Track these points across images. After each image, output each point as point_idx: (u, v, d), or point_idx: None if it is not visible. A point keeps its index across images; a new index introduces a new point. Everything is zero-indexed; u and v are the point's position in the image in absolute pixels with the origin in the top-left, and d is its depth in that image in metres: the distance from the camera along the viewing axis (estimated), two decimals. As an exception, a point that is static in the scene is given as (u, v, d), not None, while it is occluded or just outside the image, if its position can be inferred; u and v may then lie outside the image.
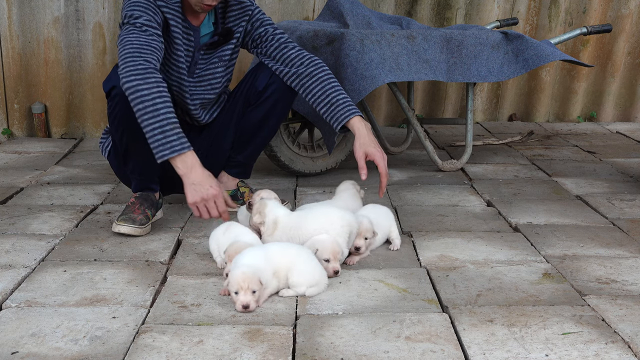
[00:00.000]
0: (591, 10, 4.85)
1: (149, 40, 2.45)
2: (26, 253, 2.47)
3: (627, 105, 5.15)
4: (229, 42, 2.76)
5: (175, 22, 2.59)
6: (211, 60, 2.75)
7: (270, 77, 2.80)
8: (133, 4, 2.51)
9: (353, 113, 2.61)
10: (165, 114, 2.36)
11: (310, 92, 2.69)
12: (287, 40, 2.78)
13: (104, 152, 2.88)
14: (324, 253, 2.26)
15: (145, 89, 2.35)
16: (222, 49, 2.76)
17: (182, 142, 2.37)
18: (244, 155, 2.94)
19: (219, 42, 2.74)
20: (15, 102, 4.42)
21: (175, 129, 2.37)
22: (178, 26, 2.60)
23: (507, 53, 3.51)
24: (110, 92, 2.56)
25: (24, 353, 1.79)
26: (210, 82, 2.78)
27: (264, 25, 2.77)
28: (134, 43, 2.43)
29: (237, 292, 2.01)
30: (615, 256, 2.50)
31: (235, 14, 2.75)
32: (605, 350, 1.83)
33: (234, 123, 2.89)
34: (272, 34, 2.78)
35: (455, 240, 2.65)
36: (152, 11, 2.51)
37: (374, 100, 4.82)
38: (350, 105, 2.63)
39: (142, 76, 2.37)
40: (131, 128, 2.55)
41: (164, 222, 2.81)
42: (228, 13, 2.74)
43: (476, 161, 3.90)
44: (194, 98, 2.78)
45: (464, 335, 1.90)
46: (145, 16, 2.48)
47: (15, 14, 4.27)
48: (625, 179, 3.56)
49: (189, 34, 2.66)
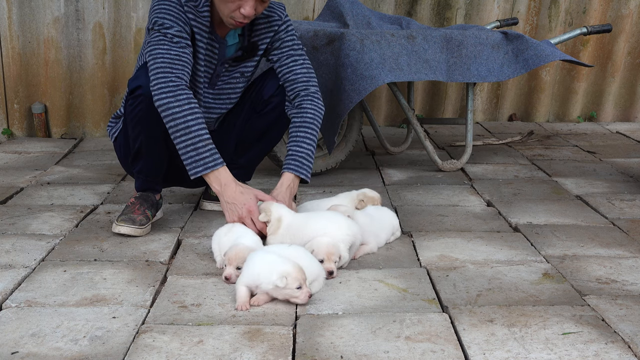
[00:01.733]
0: (591, 10, 4.85)
1: (180, 53, 2.46)
2: (26, 253, 2.47)
3: (627, 105, 5.15)
4: (253, 57, 2.73)
5: (200, 36, 2.56)
6: (233, 74, 2.72)
7: (277, 88, 2.77)
8: (164, 12, 2.48)
9: (286, 170, 2.61)
10: (197, 131, 2.42)
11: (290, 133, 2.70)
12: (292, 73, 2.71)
13: (111, 136, 2.87)
14: (319, 253, 2.27)
15: (176, 106, 2.40)
16: (245, 64, 2.73)
17: (215, 159, 2.45)
18: (245, 159, 2.93)
19: (243, 57, 2.70)
20: (15, 102, 4.43)
21: (207, 145, 2.44)
22: (202, 39, 2.57)
23: (507, 53, 3.52)
24: (134, 90, 2.55)
25: (24, 353, 1.79)
26: (229, 96, 2.77)
27: (280, 48, 2.71)
28: (165, 56, 2.44)
29: (299, 286, 2.03)
30: (615, 256, 2.50)
31: (262, 28, 2.69)
32: (605, 350, 1.83)
33: (238, 126, 2.88)
34: (284, 62, 2.71)
35: (455, 240, 2.65)
36: (182, 22, 2.49)
37: (374, 100, 4.82)
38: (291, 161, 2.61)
39: (173, 93, 2.41)
40: (149, 129, 2.57)
41: (164, 222, 2.81)
42: (255, 26, 2.68)
43: (476, 161, 3.90)
44: (210, 111, 2.76)
45: (464, 335, 1.90)
46: (177, 27, 2.47)
47: (15, 14, 4.27)
48: (625, 179, 3.56)
49: (214, 46, 2.62)
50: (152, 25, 2.49)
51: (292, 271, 2.03)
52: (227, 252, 2.25)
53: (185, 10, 2.50)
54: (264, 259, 2.11)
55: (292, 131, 2.67)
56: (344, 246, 2.33)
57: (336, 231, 2.34)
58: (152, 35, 2.49)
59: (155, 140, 2.61)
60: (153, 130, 2.56)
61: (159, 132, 2.57)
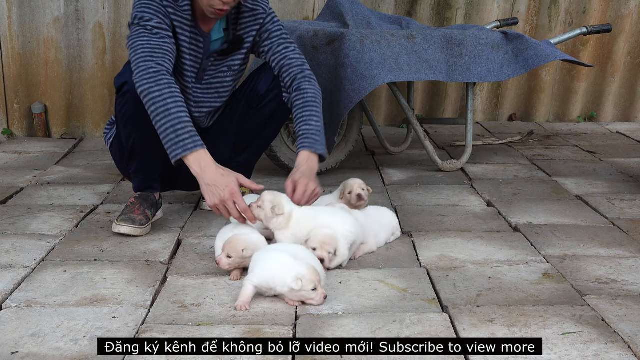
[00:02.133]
0: (591, 10, 4.85)
1: (161, 43, 2.47)
2: (26, 253, 2.47)
3: (627, 105, 5.15)
4: (239, 51, 2.73)
5: (182, 30, 2.58)
6: (220, 68, 2.73)
7: (272, 81, 2.78)
8: (143, 6, 2.51)
9: (302, 148, 2.58)
10: (177, 114, 2.38)
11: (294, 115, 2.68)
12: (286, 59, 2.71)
13: (107, 142, 2.88)
14: (313, 241, 2.28)
15: (156, 90, 2.38)
16: (232, 57, 2.73)
17: (194, 141, 2.38)
18: (244, 157, 2.93)
19: (229, 50, 2.71)
20: (15, 102, 4.42)
21: (187, 127, 2.38)
22: (185, 33, 2.59)
23: (507, 53, 3.51)
24: (121, 88, 2.56)
25: (24, 353, 1.79)
26: (218, 90, 2.77)
27: (270, 39, 2.72)
28: (145, 47, 2.44)
29: (314, 288, 2.03)
30: (615, 256, 2.50)
31: (247, 21, 2.71)
32: (605, 350, 1.83)
33: (234, 125, 2.88)
34: (276, 50, 2.72)
35: (455, 240, 2.65)
36: (162, 14, 2.51)
37: (374, 100, 4.82)
38: (304, 139, 2.58)
39: (154, 79, 2.39)
40: (140, 127, 2.57)
41: (164, 222, 2.81)
42: (240, 19, 2.70)
43: (476, 161, 3.90)
44: (200, 105, 2.76)
45: (464, 335, 1.90)
46: (156, 19, 2.49)
47: (15, 14, 4.27)
48: (625, 179, 3.56)
49: (199, 40, 2.63)
50: (133, 20, 2.52)
51: (307, 273, 2.03)
52: (226, 240, 2.27)
53: (164, 4, 2.53)
54: (278, 260, 2.11)
55: (297, 112, 2.63)
56: (344, 242, 2.33)
57: (340, 226, 2.35)
58: (132, 30, 2.51)
59: (148, 137, 2.59)
60: (144, 126, 2.54)
61: (151, 128, 2.55)
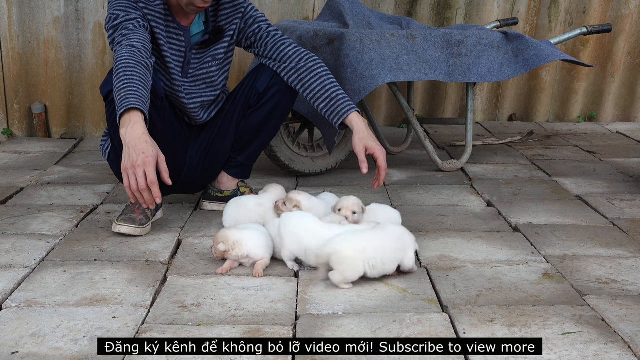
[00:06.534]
0: (591, 10, 4.85)
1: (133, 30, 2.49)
2: (26, 253, 2.47)
3: (627, 105, 5.15)
4: (221, 40, 2.76)
5: (156, 23, 2.60)
6: (204, 59, 2.75)
7: (271, 79, 2.80)
8: (116, 5, 2.54)
9: (351, 109, 2.63)
10: (136, 75, 2.32)
11: (309, 87, 2.71)
12: (282, 38, 2.79)
13: (104, 154, 2.88)
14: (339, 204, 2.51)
15: (126, 53, 2.39)
16: (215, 47, 2.76)
17: (136, 101, 2.25)
18: (244, 156, 2.94)
19: (211, 41, 2.74)
20: (15, 102, 4.43)
21: (139, 90, 2.28)
22: (160, 27, 2.61)
23: (507, 53, 3.52)
24: (108, 96, 2.56)
25: (24, 353, 1.79)
26: (205, 81, 2.78)
27: (257, 23, 2.78)
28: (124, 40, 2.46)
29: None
30: (615, 256, 2.50)
31: (228, 12, 2.75)
32: (605, 350, 1.83)
33: (234, 124, 2.88)
34: (266, 31, 2.79)
35: (455, 240, 2.65)
36: (132, 9, 2.54)
37: (374, 100, 4.82)
38: (347, 101, 2.65)
39: (127, 49, 2.41)
40: None
41: (164, 222, 2.81)
42: (220, 12, 2.74)
43: (476, 161, 3.90)
44: (192, 98, 2.77)
45: (464, 335, 1.90)
46: (124, 13, 2.52)
47: (15, 14, 4.27)
48: (625, 179, 3.56)
49: (178, 34, 2.66)
50: (107, 21, 2.55)
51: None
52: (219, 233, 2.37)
53: (135, 0, 2.56)
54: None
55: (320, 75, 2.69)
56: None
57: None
58: (108, 33, 2.55)
59: None
60: None
61: None
